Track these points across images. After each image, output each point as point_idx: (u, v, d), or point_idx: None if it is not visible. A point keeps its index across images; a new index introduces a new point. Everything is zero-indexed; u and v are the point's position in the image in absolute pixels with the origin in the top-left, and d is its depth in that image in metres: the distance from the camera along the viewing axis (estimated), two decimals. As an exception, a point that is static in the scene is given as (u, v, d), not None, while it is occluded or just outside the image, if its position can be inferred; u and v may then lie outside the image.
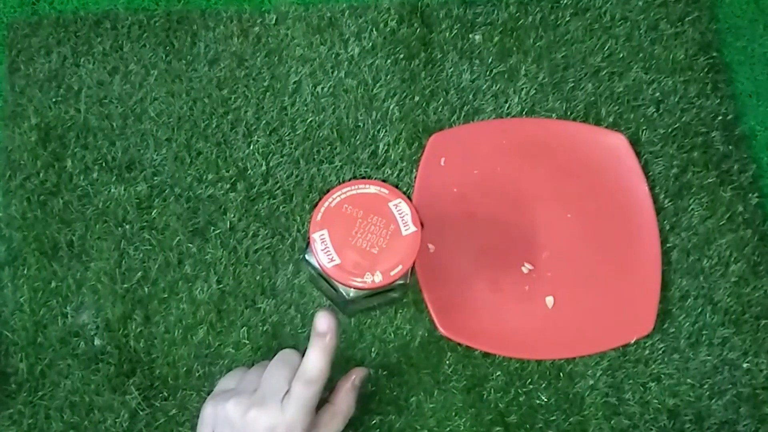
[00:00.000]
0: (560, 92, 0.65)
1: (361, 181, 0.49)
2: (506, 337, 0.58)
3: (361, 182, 0.49)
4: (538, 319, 0.59)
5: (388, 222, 0.48)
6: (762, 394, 0.58)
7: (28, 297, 0.59)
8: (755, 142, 0.65)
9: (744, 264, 0.61)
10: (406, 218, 0.48)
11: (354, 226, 0.48)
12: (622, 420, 0.58)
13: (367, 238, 0.48)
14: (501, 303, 0.59)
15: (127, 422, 0.57)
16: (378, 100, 0.64)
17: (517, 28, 0.66)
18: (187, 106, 0.64)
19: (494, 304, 0.59)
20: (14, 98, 0.63)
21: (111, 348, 0.58)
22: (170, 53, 0.65)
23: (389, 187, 0.49)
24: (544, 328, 0.59)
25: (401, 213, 0.48)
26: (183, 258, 0.60)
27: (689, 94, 0.65)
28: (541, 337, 0.58)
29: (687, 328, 0.60)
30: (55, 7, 0.66)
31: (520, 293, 0.60)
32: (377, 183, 0.49)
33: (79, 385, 0.57)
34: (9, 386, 0.57)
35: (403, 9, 0.66)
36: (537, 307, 0.59)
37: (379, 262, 0.47)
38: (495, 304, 0.59)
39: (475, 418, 0.57)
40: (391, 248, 0.47)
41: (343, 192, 0.49)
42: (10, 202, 0.61)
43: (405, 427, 0.57)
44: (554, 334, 0.58)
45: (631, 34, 0.67)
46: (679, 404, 0.58)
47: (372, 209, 0.48)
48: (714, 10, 0.68)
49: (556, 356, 0.58)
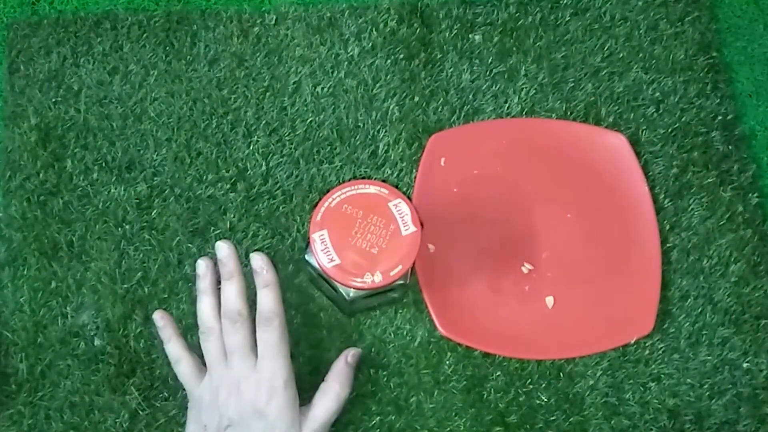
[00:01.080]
0: (560, 92, 0.65)
1: (361, 182, 0.49)
2: (506, 337, 0.58)
3: (361, 182, 0.49)
4: (538, 319, 0.59)
5: (388, 222, 0.48)
6: (762, 394, 0.58)
7: (28, 297, 0.59)
8: (755, 142, 0.65)
9: (744, 264, 0.61)
10: (406, 218, 0.48)
11: (354, 227, 0.48)
12: (622, 420, 0.58)
13: (367, 239, 0.48)
14: (501, 303, 0.59)
15: (128, 422, 0.57)
16: (378, 100, 0.64)
17: (517, 28, 0.66)
18: (187, 106, 0.64)
19: (494, 304, 0.59)
20: (14, 98, 0.63)
21: (111, 348, 0.58)
22: (170, 53, 0.65)
23: (389, 187, 0.49)
24: (544, 328, 0.59)
25: (401, 213, 0.48)
26: (183, 258, 0.60)
27: (689, 94, 0.65)
28: (541, 337, 0.58)
29: (687, 328, 0.60)
30: (55, 7, 0.66)
31: (520, 293, 0.60)
32: (377, 183, 0.49)
33: (79, 386, 0.57)
34: (9, 386, 0.57)
35: (403, 9, 0.66)
36: (537, 307, 0.59)
37: (379, 263, 0.47)
38: (495, 304, 0.59)
39: (475, 418, 0.57)
40: (391, 248, 0.48)
41: (342, 192, 0.49)
42: (10, 202, 0.61)
43: (405, 427, 0.57)
44: (554, 334, 0.58)
45: (631, 34, 0.67)
46: (679, 404, 0.58)
47: (372, 209, 0.48)
48: (714, 10, 0.68)
49: (556, 356, 0.58)
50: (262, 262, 0.52)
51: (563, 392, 0.58)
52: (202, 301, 0.53)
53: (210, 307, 0.53)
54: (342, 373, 0.53)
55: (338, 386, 0.52)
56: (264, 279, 0.52)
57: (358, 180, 0.49)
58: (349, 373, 0.54)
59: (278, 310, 0.51)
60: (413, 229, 0.48)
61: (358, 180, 0.49)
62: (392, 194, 0.49)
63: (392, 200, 0.49)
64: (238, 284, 0.52)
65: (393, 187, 0.49)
